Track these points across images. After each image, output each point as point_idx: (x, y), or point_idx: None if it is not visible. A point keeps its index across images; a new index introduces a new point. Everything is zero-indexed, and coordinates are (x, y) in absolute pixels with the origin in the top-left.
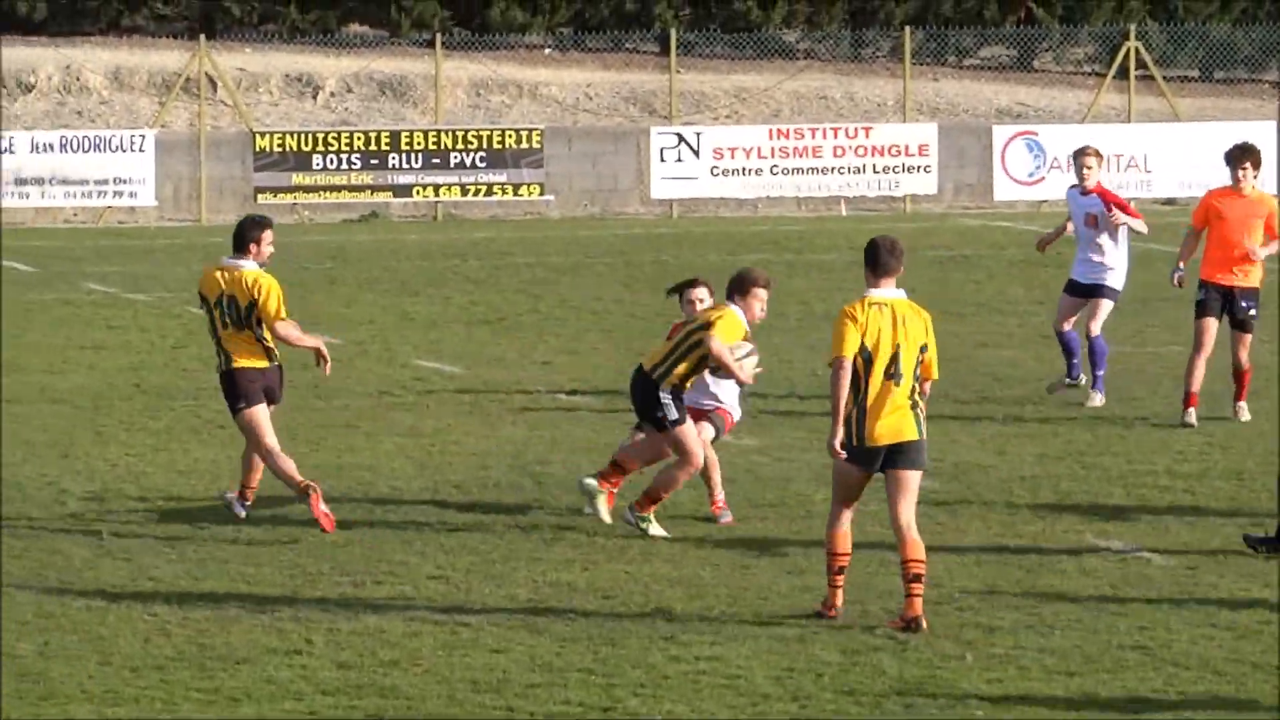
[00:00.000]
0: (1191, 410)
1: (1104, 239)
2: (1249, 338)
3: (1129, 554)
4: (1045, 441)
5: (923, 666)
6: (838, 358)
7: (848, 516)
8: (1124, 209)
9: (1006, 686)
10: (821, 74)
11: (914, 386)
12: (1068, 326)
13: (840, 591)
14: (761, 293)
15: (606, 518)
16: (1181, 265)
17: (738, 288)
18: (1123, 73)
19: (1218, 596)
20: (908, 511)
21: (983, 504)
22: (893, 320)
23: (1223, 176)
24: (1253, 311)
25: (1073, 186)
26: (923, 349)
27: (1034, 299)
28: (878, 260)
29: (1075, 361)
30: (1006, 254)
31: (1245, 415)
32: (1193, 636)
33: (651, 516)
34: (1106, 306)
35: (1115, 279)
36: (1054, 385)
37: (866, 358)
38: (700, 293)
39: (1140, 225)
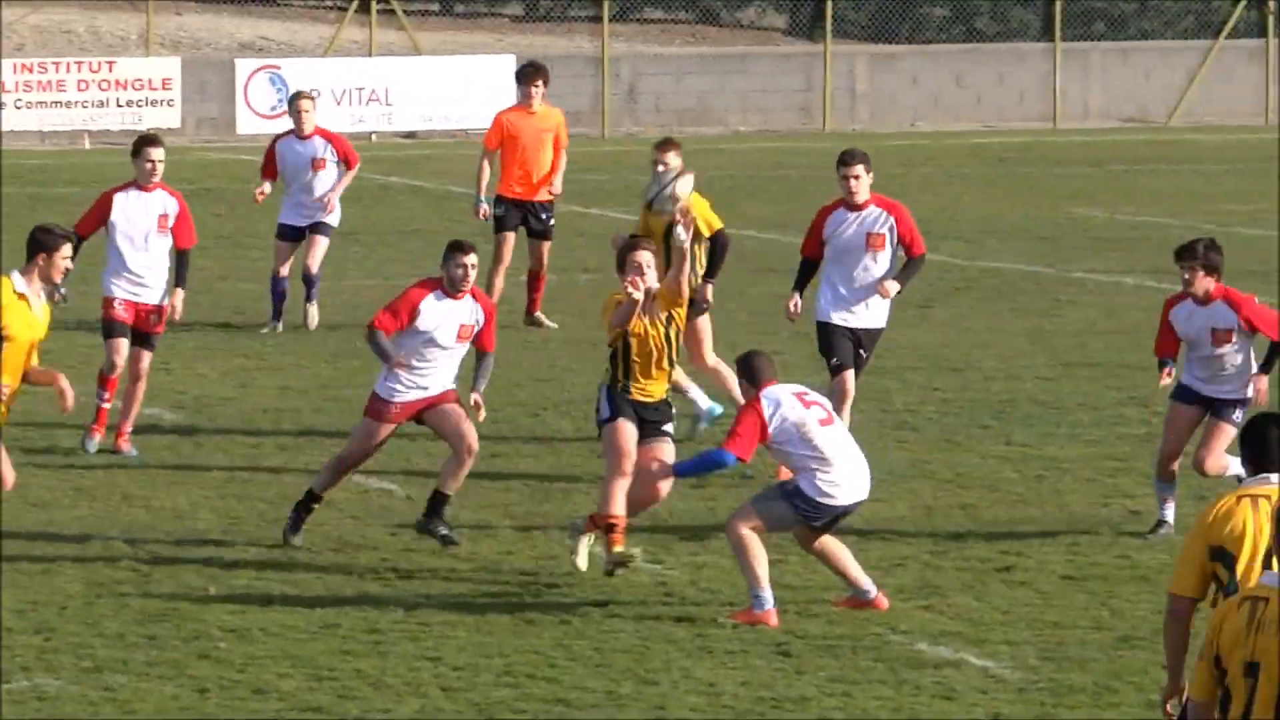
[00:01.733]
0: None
1: (325, 177)
2: (549, 245)
3: (373, 486)
4: (288, 374)
5: (166, 599)
6: None
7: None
8: (348, 158)
9: (249, 619)
10: (66, 8)
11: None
12: (285, 270)
13: None
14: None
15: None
16: (482, 196)
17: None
18: (365, 6)
19: (458, 528)
20: None
21: (225, 436)
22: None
23: (462, 110)
24: (551, 221)
25: (285, 135)
26: None
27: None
28: None
29: (284, 305)
30: (249, 187)
31: (550, 323)
32: (434, 568)
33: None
34: (325, 244)
35: (334, 218)
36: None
37: None
38: (472, 259)
39: (354, 174)
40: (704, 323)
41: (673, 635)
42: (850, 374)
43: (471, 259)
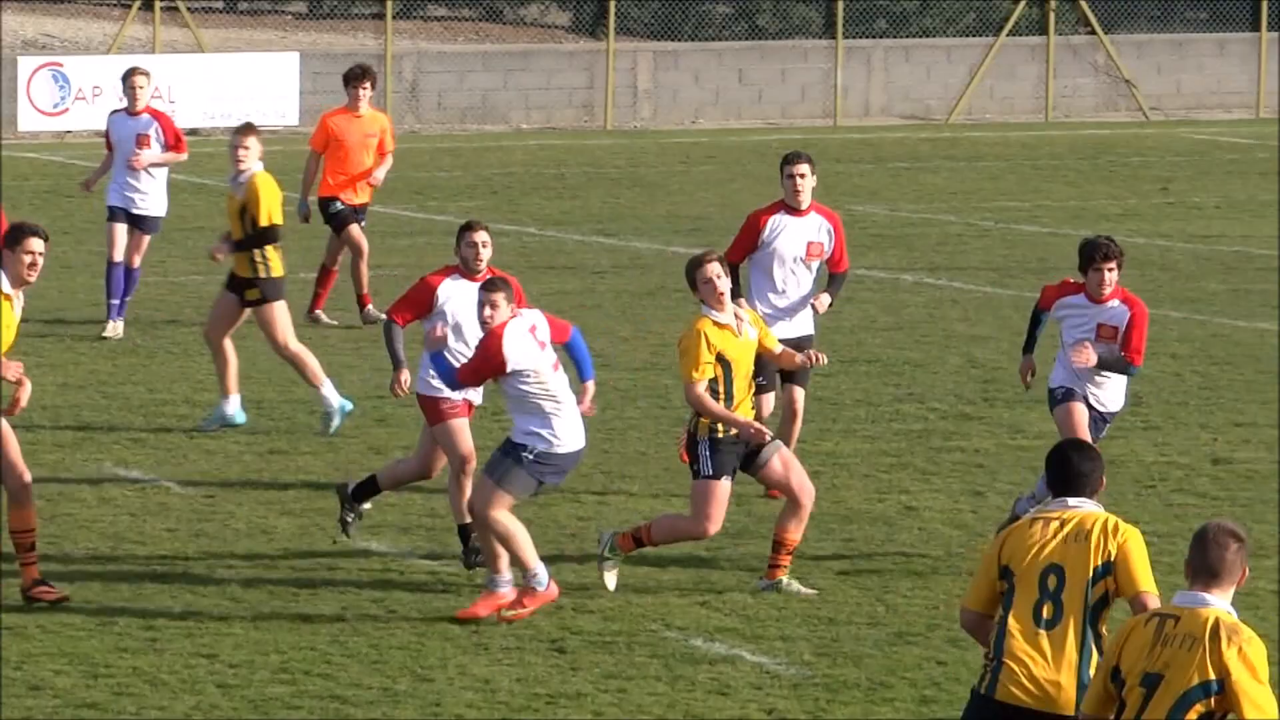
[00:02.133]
0: (369, 308)
1: (147, 156)
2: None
3: (149, 483)
4: (67, 371)
5: None
6: None
7: None
8: (176, 142)
9: (25, 616)
10: None
11: None
12: (119, 257)
13: None
14: None
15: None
16: (307, 200)
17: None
18: (148, 4)
19: (235, 526)
20: None
21: None
22: None
23: (246, 108)
24: (364, 222)
25: (118, 111)
26: None
27: (60, 229)
28: None
29: (125, 299)
30: (31, 184)
31: (330, 320)
32: (210, 566)
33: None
34: (148, 241)
35: (160, 207)
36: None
37: None
38: (482, 236)
39: (180, 158)
40: (281, 310)
41: (449, 632)
42: (771, 396)
43: (481, 236)
